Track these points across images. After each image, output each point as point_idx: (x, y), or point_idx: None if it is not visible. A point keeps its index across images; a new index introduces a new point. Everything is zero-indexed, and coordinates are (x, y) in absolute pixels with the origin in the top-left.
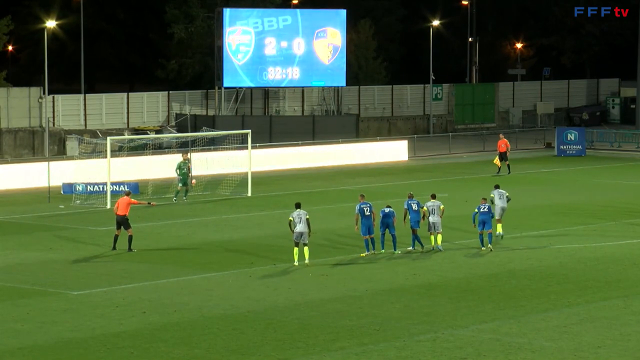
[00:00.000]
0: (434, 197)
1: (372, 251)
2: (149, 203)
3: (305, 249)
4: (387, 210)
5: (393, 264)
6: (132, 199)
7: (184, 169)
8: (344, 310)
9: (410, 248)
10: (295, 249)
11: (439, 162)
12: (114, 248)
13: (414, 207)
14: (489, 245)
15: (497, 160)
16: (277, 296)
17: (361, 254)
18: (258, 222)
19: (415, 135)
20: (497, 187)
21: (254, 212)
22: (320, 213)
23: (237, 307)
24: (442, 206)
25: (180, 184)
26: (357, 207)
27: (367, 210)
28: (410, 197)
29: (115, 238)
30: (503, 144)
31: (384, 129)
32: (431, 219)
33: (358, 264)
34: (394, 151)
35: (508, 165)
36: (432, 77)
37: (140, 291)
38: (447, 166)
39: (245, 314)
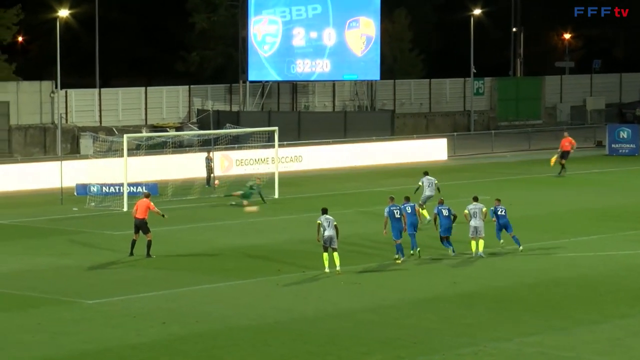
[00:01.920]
0: (476, 199)
1: (403, 257)
2: (163, 215)
3: (335, 254)
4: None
5: (431, 271)
6: (152, 204)
7: (253, 188)
8: (378, 321)
9: (452, 254)
10: (325, 255)
11: (480, 162)
12: (132, 254)
13: (445, 212)
14: (519, 247)
15: (556, 159)
16: (306, 306)
17: (397, 260)
18: (285, 226)
19: (455, 133)
20: (426, 173)
21: (281, 216)
22: (352, 216)
23: (263, 317)
24: (484, 209)
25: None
26: (387, 209)
27: (397, 213)
28: (441, 202)
29: (133, 243)
30: (567, 142)
31: (421, 126)
32: (472, 222)
33: (393, 271)
34: (431, 150)
35: (563, 166)
36: (473, 70)
37: (160, 300)
38: (489, 166)
39: (272, 325)
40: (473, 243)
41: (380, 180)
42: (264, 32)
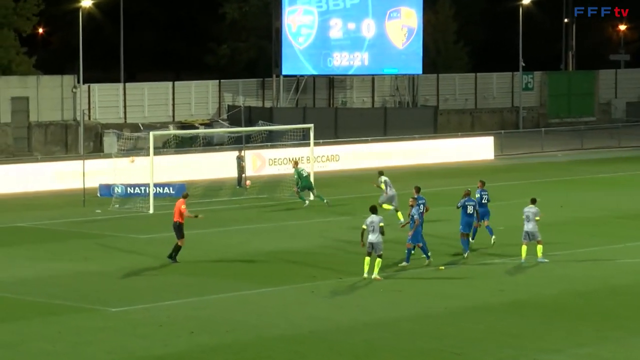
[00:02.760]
0: (534, 202)
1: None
2: (196, 216)
3: (378, 261)
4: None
5: (476, 278)
6: (184, 206)
7: (303, 175)
8: (419, 330)
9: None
10: (367, 259)
11: (529, 162)
12: (174, 261)
13: (470, 209)
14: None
15: None
16: (342, 315)
17: (440, 267)
18: (321, 230)
19: (503, 131)
20: (381, 173)
21: (317, 219)
22: (393, 219)
23: (297, 327)
24: (540, 215)
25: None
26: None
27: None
28: (467, 195)
29: (177, 248)
30: None
31: (466, 123)
32: (525, 226)
33: (436, 278)
34: (477, 149)
35: None
36: (521, 63)
37: (188, 308)
38: (538, 166)
39: (306, 335)
40: (524, 248)
41: (422, 181)
42: (298, 23)
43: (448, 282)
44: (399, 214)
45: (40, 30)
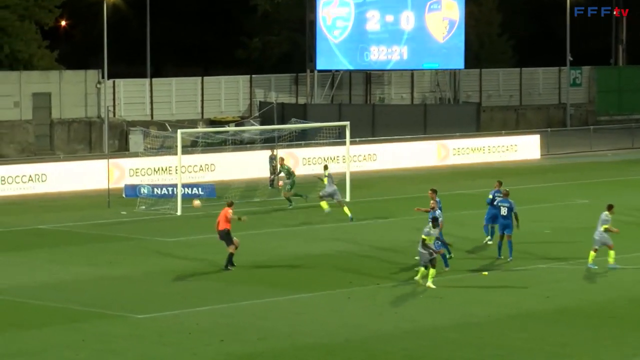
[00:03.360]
0: (609, 208)
1: (446, 268)
2: (239, 218)
3: (432, 271)
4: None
5: (521, 284)
6: (230, 211)
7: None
8: (461, 340)
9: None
10: (422, 270)
11: (577, 162)
12: (231, 266)
13: (503, 211)
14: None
15: None
16: (380, 322)
17: (483, 272)
18: (358, 233)
19: (549, 129)
20: (326, 167)
21: (353, 221)
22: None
23: (332, 335)
24: (608, 226)
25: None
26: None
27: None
28: (506, 195)
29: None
30: None
31: (511, 120)
32: (596, 233)
33: (479, 285)
34: (522, 148)
35: None
36: (569, 58)
37: (217, 315)
38: (587, 166)
39: (342, 344)
40: (592, 254)
41: (464, 182)
42: (334, 15)
43: (491, 289)
44: (346, 208)
45: (63, 23)
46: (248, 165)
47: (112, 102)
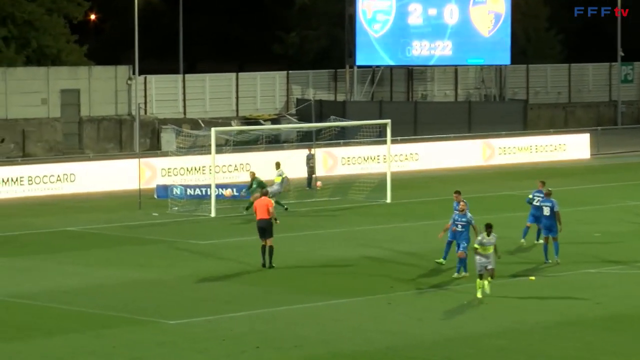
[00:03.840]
0: None
1: (464, 273)
2: (275, 220)
3: (487, 282)
4: None
5: (570, 289)
6: (272, 203)
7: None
8: (508, 347)
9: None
10: (478, 282)
11: (628, 161)
12: (265, 264)
13: (546, 211)
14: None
15: None
16: (422, 329)
17: (530, 277)
18: (399, 236)
19: (599, 127)
20: (278, 165)
21: (394, 223)
22: (477, 224)
23: (372, 342)
24: None
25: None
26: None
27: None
28: (548, 195)
29: (263, 249)
30: None
31: (559, 118)
32: None
33: (526, 290)
34: (571, 147)
35: None
36: (620, 53)
37: (253, 321)
38: (638, 166)
39: (382, 351)
40: None
41: (510, 182)
42: (374, 8)
43: (539, 294)
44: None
45: (93, 17)
46: (284, 165)
47: (143, 99)
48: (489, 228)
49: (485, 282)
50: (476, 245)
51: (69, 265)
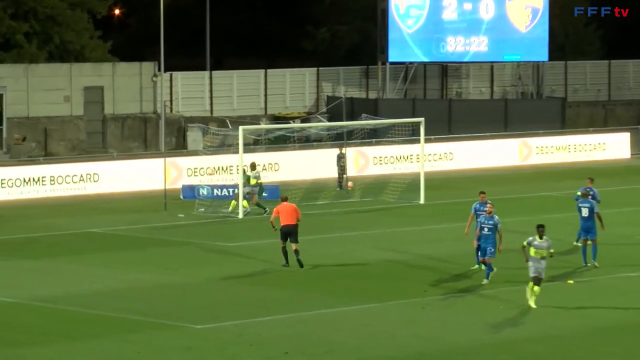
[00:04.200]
0: None
1: (486, 281)
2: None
3: (537, 288)
4: None
5: (611, 293)
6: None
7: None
8: (545, 353)
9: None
10: (533, 287)
11: None
12: (287, 263)
13: (584, 212)
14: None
15: None
16: (457, 334)
17: (568, 281)
18: (433, 238)
19: None
20: (253, 167)
21: (428, 225)
22: (515, 226)
23: (404, 348)
24: None
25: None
26: (478, 220)
27: (487, 229)
28: (585, 196)
29: (284, 251)
30: None
31: (599, 117)
32: None
33: (564, 294)
34: (611, 146)
35: None
36: None
37: (281, 325)
38: None
39: (415, 357)
40: None
41: (548, 183)
42: (407, 3)
43: (578, 298)
44: (246, 202)
45: (117, 12)
46: (314, 165)
47: (169, 96)
48: (540, 229)
49: (534, 290)
50: (525, 244)
51: (92, 268)
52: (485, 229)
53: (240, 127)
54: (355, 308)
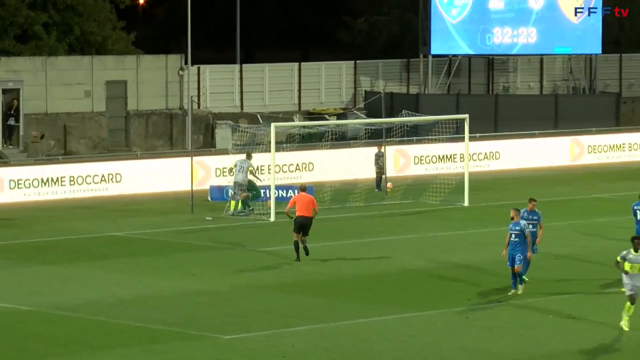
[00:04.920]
0: None
1: (513, 290)
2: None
3: (629, 308)
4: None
5: None
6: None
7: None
8: None
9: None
10: (628, 307)
11: None
12: (298, 258)
13: None
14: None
15: None
16: (502, 346)
17: (622, 289)
18: (478, 243)
19: None
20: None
21: (473, 229)
22: (565, 230)
23: None
24: None
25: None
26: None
27: (514, 235)
28: None
29: (297, 245)
30: None
31: None
32: None
33: (617, 304)
34: None
35: None
36: None
37: (315, 336)
38: None
39: None
40: None
41: (601, 184)
42: None
43: (636, 308)
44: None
45: (141, 1)
46: (351, 165)
47: (196, 91)
48: (636, 241)
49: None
50: (618, 259)
51: (114, 274)
52: (513, 236)
53: (272, 124)
54: (394, 317)
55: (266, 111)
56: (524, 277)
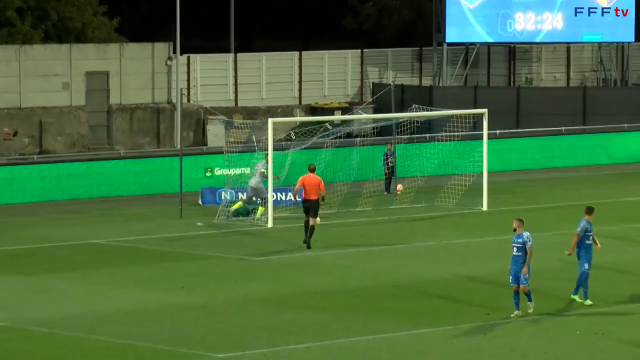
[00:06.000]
0: None
1: (517, 311)
2: (323, 198)
3: None
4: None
5: None
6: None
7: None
8: None
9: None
10: None
11: None
12: (307, 241)
13: None
14: None
15: None
16: None
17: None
18: (497, 251)
19: None
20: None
21: (491, 236)
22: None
23: None
24: None
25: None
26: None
27: (516, 249)
28: None
29: (307, 225)
30: None
31: None
32: None
33: None
34: None
35: None
36: None
37: (319, 354)
38: None
39: None
40: None
41: (635, 186)
42: None
43: None
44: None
45: None
46: (357, 164)
47: (186, 83)
48: None
49: None
50: None
51: (95, 286)
52: (515, 249)
53: (270, 120)
54: (406, 334)
55: (263, 105)
56: (587, 300)
